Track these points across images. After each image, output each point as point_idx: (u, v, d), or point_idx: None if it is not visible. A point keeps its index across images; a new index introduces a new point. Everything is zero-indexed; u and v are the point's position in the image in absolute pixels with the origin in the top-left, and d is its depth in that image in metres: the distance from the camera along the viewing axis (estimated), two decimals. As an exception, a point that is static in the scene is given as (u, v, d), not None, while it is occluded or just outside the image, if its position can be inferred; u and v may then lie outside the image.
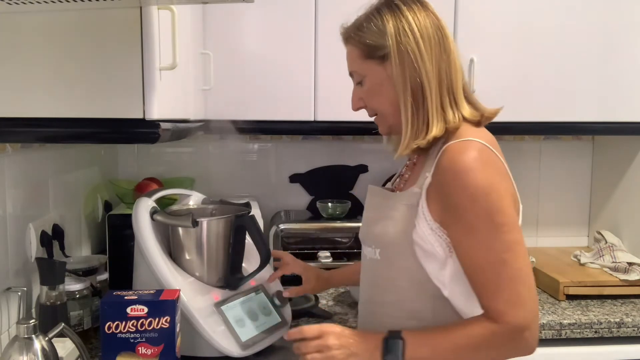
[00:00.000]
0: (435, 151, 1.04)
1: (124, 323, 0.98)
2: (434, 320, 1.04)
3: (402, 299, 1.07)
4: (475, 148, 0.98)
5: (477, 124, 1.06)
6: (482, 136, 1.01)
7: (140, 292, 1.03)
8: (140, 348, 0.97)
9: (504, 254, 0.96)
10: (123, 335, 0.97)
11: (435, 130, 1.01)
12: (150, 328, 0.97)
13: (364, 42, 1.06)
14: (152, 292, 1.04)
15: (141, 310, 0.97)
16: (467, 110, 1.05)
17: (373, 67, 1.07)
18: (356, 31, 1.08)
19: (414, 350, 0.98)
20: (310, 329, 1.03)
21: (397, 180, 1.19)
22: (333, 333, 1.02)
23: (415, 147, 1.04)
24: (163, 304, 1.01)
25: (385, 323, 1.06)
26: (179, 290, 1.07)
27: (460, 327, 1.00)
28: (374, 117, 1.14)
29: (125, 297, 0.99)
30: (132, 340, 0.98)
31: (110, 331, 0.97)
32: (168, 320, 1.00)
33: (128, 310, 0.97)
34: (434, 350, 0.99)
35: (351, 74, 1.13)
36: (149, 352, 0.97)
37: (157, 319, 0.98)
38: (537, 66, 1.74)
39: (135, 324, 0.98)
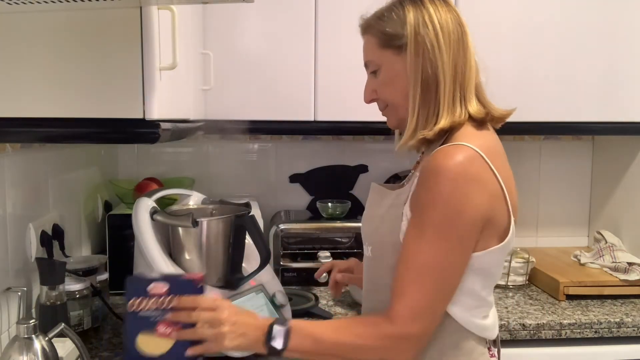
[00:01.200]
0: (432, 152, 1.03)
1: (145, 301, 0.96)
2: None
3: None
4: (462, 154, 0.96)
5: (481, 122, 1.05)
6: (481, 143, 0.99)
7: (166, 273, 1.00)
8: (160, 327, 0.96)
9: (433, 267, 0.95)
10: (144, 314, 0.96)
11: (444, 122, 1.01)
12: (169, 307, 0.95)
13: (383, 30, 1.06)
14: (176, 273, 1.01)
15: (162, 288, 0.95)
16: (473, 107, 1.04)
17: (389, 56, 1.06)
18: (377, 20, 1.08)
19: (297, 340, 0.97)
20: (205, 299, 0.98)
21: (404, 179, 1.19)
22: (228, 308, 0.99)
23: (421, 137, 1.02)
24: (184, 283, 0.99)
25: None
26: (203, 274, 1.04)
27: (352, 324, 1.00)
28: (384, 109, 1.13)
29: (149, 276, 0.97)
30: (152, 319, 0.96)
31: (132, 309, 0.96)
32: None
33: (149, 287, 0.95)
34: (317, 342, 0.97)
35: (366, 65, 1.13)
36: (168, 331, 0.95)
37: (176, 298, 0.95)
38: (537, 66, 1.74)
39: (156, 302, 0.96)
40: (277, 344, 0.96)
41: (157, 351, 0.96)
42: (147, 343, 0.96)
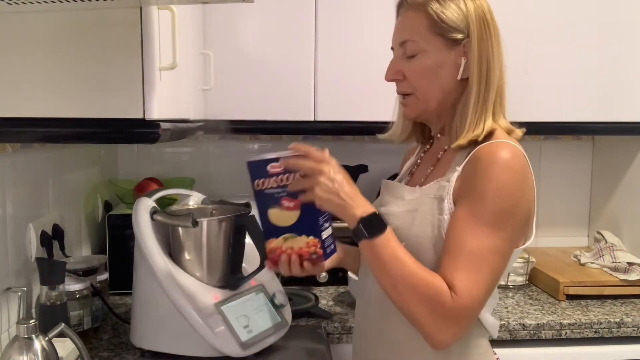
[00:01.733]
0: (467, 148, 1.03)
1: (267, 180, 1.02)
2: None
3: None
4: (514, 150, 0.98)
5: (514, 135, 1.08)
6: (517, 143, 1.02)
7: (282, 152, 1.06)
8: (284, 202, 1.01)
9: (487, 252, 0.95)
10: (269, 191, 1.02)
11: (491, 124, 1.02)
12: (289, 182, 1.00)
13: (441, 16, 1.01)
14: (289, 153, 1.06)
15: (278, 167, 1.01)
16: (503, 121, 1.06)
17: (439, 45, 1.03)
18: (435, 2, 1.02)
19: (383, 242, 0.96)
20: (315, 151, 0.98)
21: (409, 177, 1.18)
22: (335, 166, 0.98)
23: (473, 137, 1.01)
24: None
25: (398, 321, 1.03)
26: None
27: (429, 273, 0.95)
28: (406, 96, 1.09)
29: (267, 157, 1.02)
30: (276, 195, 1.02)
31: (259, 188, 1.02)
32: (301, 174, 1.02)
33: (268, 168, 1.01)
34: (394, 259, 0.95)
35: (402, 43, 1.05)
36: (292, 204, 1.01)
37: (292, 174, 1.00)
38: (537, 66, 1.73)
39: (276, 180, 1.01)
40: (367, 230, 0.96)
41: (287, 223, 1.02)
42: (277, 216, 1.03)
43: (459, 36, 1.02)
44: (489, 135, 1.02)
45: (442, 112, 1.07)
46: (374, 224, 0.96)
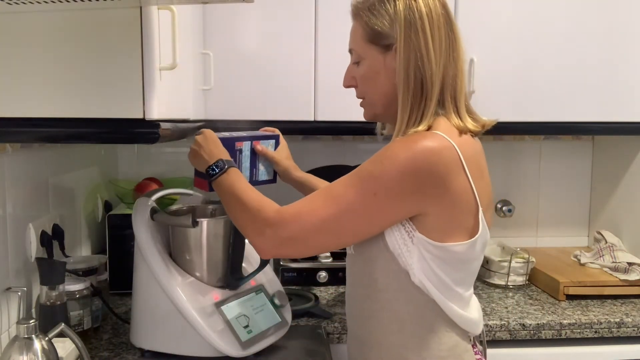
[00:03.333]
0: None
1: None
2: (408, 309, 1.04)
3: (376, 292, 1.06)
4: (428, 138, 0.97)
5: (477, 134, 1.06)
6: (456, 139, 0.99)
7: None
8: None
9: (337, 195, 0.99)
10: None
11: (421, 127, 1.00)
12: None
13: (371, 26, 1.04)
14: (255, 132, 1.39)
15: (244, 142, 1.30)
16: (470, 123, 1.04)
17: (374, 53, 1.05)
18: (366, 11, 1.05)
19: (225, 177, 1.12)
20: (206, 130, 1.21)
21: None
22: (208, 135, 1.19)
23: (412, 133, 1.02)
24: (261, 136, 1.36)
25: (369, 317, 1.08)
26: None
27: (260, 195, 1.08)
28: (361, 100, 1.13)
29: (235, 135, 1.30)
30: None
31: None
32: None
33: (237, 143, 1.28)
34: (232, 185, 1.10)
35: (350, 51, 1.11)
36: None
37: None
38: (537, 66, 1.73)
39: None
40: (212, 170, 1.13)
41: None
42: None
43: (389, 42, 1.03)
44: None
45: (393, 114, 1.07)
46: (218, 166, 1.13)
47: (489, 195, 1.07)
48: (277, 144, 1.40)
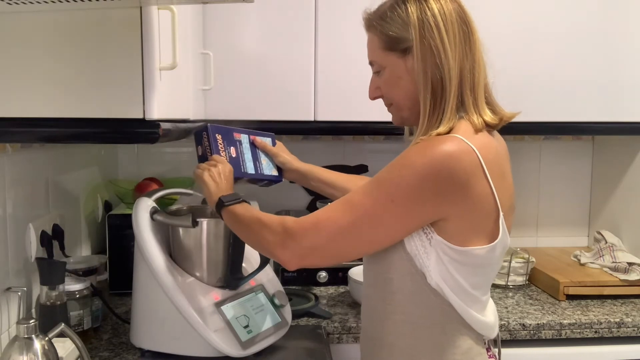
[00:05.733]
0: None
1: (199, 147, 1.28)
2: (421, 313, 1.03)
3: (391, 293, 1.06)
4: (449, 142, 0.96)
5: (494, 127, 1.06)
6: (476, 141, 0.98)
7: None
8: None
9: (355, 203, 0.99)
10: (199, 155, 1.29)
11: (442, 128, 0.99)
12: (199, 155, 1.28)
13: (386, 33, 1.04)
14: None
15: (207, 142, 1.26)
16: (488, 115, 1.04)
17: (393, 59, 1.05)
18: (379, 20, 1.06)
19: (232, 209, 1.12)
20: (219, 158, 1.23)
21: None
22: (222, 163, 1.21)
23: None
24: (259, 134, 1.39)
25: (383, 318, 1.07)
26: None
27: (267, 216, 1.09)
28: (389, 107, 1.13)
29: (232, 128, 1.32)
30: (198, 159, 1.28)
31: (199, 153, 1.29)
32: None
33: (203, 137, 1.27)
34: (240, 215, 1.12)
35: (371, 63, 1.12)
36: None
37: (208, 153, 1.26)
38: (537, 66, 1.73)
39: (202, 149, 1.28)
40: (221, 205, 1.13)
41: None
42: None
43: (406, 45, 1.03)
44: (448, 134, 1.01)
45: (419, 116, 1.06)
46: (233, 196, 1.14)
47: (510, 198, 1.06)
48: (273, 143, 1.41)
